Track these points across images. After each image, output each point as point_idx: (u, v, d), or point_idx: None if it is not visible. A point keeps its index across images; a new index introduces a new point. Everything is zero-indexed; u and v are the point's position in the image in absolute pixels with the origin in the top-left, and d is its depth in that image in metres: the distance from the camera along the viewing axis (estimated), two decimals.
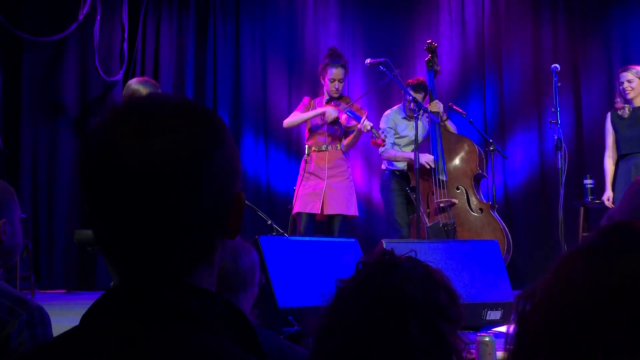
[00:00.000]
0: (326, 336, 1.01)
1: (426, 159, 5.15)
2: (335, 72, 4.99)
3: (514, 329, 0.59)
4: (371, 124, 4.85)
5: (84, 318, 0.83)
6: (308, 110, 5.11)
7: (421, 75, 5.66)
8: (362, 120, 4.85)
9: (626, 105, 5.02)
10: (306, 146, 5.08)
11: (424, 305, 0.99)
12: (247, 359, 0.80)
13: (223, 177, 0.85)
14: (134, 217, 0.81)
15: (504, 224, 5.16)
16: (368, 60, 5.01)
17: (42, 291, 6.27)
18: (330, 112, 4.94)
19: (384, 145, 4.99)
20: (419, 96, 5.20)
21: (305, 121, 5.12)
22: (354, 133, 5.04)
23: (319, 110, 5.00)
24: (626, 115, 5.00)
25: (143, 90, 4.12)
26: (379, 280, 1.02)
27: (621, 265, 0.55)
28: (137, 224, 0.81)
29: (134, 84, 4.29)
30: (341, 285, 1.06)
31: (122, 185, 0.80)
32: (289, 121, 5.16)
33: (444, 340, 0.98)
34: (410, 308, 0.98)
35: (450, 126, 5.45)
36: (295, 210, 4.98)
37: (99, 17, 6.56)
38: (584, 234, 5.30)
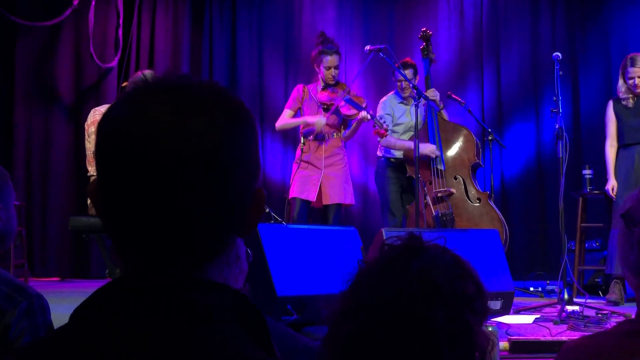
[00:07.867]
0: (344, 319, 0.95)
1: (430, 149, 5.08)
2: (331, 59, 4.89)
3: None
4: (371, 113, 4.79)
5: (80, 310, 0.76)
6: (300, 103, 5.03)
7: (417, 64, 5.58)
8: (362, 109, 4.79)
9: (630, 94, 4.87)
10: (302, 135, 5.00)
11: (452, 294, 0.94)
12: (258, 356, 0.75)
13: (251, 171, 0.81)
14: (155, 198, 0.74)
15: (501, 214, 5.13)
16: (368, 47, 4.94)
17: (35, 279, 6.22)
18: (320, 122, 4.86)
19: (387, 135, 4.90)
20: (408, 73, 5.14)
21: (297, 124, 5.07)
22: (355, 124, 4.98)
23: (309, 120, 4.91)
24: (631, 105, 4.89)
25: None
26: (406, 263, 0.97)
27: None
28: (157, 206, 0.75)
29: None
30: (364, 266, 1.01)
31: (149, 162, 0.73)
32: (281, 125, 5.12)
33: (469, 334, 0.93)
34: (437, 295, 0.93)
35: (445, 115, 5.40)
36: (291, 195, 4.93)
37: (93, 3, 6.47)
38: (582, 225, 5.27)
